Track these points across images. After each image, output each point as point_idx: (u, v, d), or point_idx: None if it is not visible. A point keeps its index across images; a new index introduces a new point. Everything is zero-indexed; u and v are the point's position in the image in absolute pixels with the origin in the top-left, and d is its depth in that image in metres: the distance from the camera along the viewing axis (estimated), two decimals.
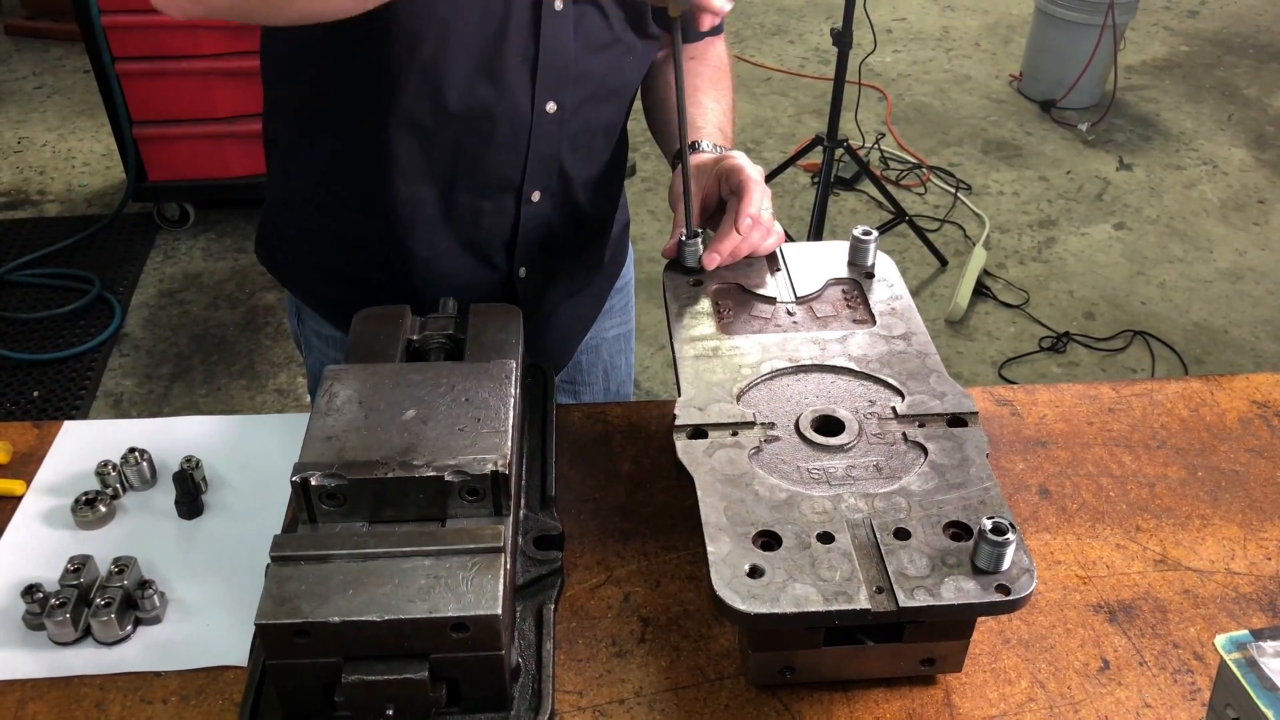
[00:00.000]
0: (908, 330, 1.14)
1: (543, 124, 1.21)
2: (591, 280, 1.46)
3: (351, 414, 0.97)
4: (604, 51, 1.21)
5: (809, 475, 0.97)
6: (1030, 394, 1.30)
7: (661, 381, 3.12)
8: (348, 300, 1.25)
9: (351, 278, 1.34)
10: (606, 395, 1.59)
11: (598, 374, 1.58)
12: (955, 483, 0.95)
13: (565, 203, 1.31)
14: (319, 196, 1.29)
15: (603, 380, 1.59)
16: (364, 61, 1.13)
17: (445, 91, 1.15)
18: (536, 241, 1.32)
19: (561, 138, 1.23)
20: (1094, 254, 3.75)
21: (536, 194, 1.27)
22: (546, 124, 1.21)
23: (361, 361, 1.08)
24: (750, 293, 1.20)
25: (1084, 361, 3.27)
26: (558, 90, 1.19)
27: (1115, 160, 4.29)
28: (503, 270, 1.32)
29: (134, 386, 3.09)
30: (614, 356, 1.60)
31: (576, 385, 1.58)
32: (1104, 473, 1.18)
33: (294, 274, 1.40)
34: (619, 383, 1.62)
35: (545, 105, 1.20)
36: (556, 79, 1.18)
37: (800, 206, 3.97)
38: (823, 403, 1.05)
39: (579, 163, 1.29)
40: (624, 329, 1.60)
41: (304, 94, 1.23)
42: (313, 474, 0.90)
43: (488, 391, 1.00)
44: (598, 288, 1.50)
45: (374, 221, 1.26)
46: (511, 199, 1.26)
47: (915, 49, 5.16)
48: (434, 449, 0.93)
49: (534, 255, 1.33)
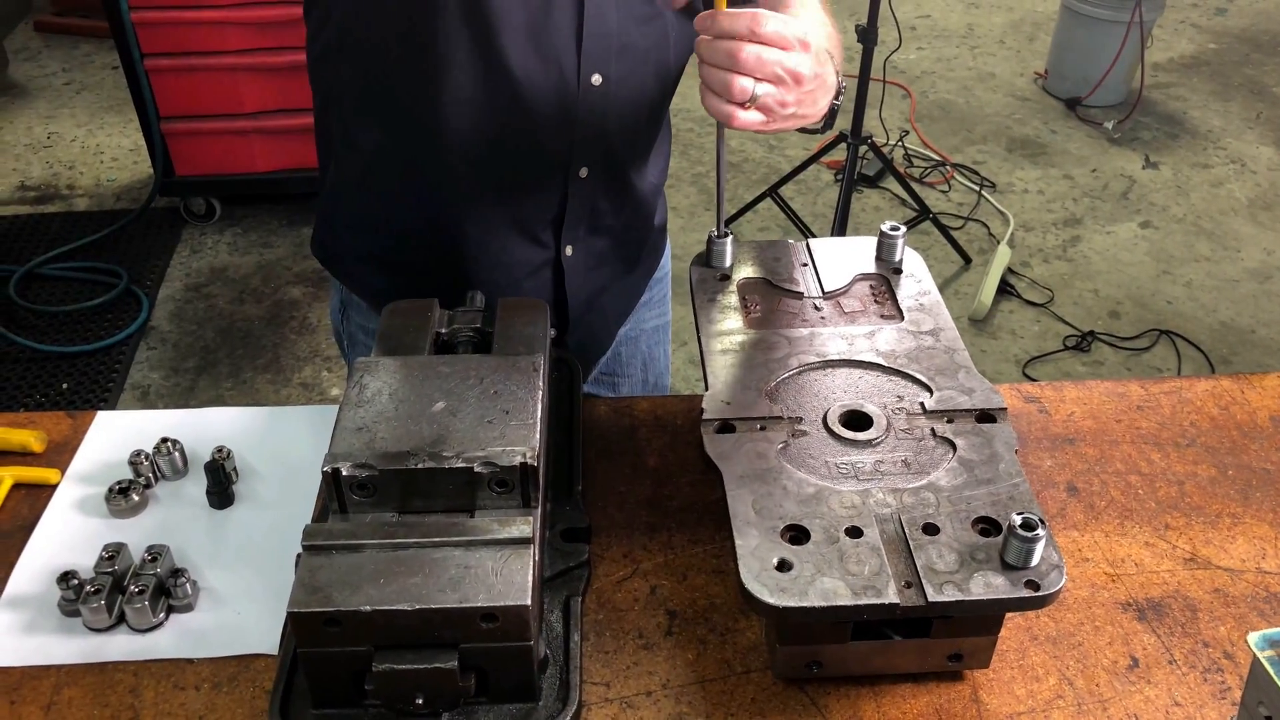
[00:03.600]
0: (936, 326, 1.13)
1: (589, 97, 1.21)
2: (633, 267, 1.46)
3: (382, 405, 0.98)
4: (646, 25, 1.21)
5: (837, 470, 0.97)
6: (1058, 391, 1.29)
7: (683, 378, 3.12)
8: (396, 290, 1.26)
9: (401, 264, 1.35)
10: (645, 388, 1.60)
11: (636, 366, 1.58)
12: (984, 478, 0.95)
13: (612, 182, 1.32)
14: (370, 182, 1.31)
15: (641, 372, 1.59)
16: (415, 42, 1.14)
17: (495, 65, 1.15)
18: (583, 220, 1.32)
19: (608, 112, 1.23)
20: (1119, 253, 3.72)
21: (584, 170, 1.27)
22: (593, 97, 1.21)
23: (391, 354, 1.09)
24: (778, 287, 1.20)
25: (1109, 361, 3.25)
26: (603, 62, 1.20)
27: (1141, 158, 4.26)
28: (550, 249, 1.33)
29: (161, 379, 3.11)
30: (653, 348, 1.59)
31: (615, 378, 1.57)
32: (1133, 470, 1.18)
33: (345, 265, 1.41)
34: (657, 375, 1.62)
35: (591, 78, 1.20)
36: (602, 51, 1.19)
37: (824, 203, 3.96)
38: (851, 398, 1.05)
39: (625, 140, 1.29)
40: (661, 320, 1.60)
41: (353, 83, 1.24)
42: (344, 464, 0.91)
43: (516, 384, 1.01)
44: (638, 276, 1.50)
45: (424, 202, 1.28)
46: (559, 175, 1.27)
47: (940, 46, 5.13)
48: (463, 441, 0.93)
49: (580, 235, 1.34)
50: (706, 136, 4.36)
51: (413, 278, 1.35)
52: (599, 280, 1.41)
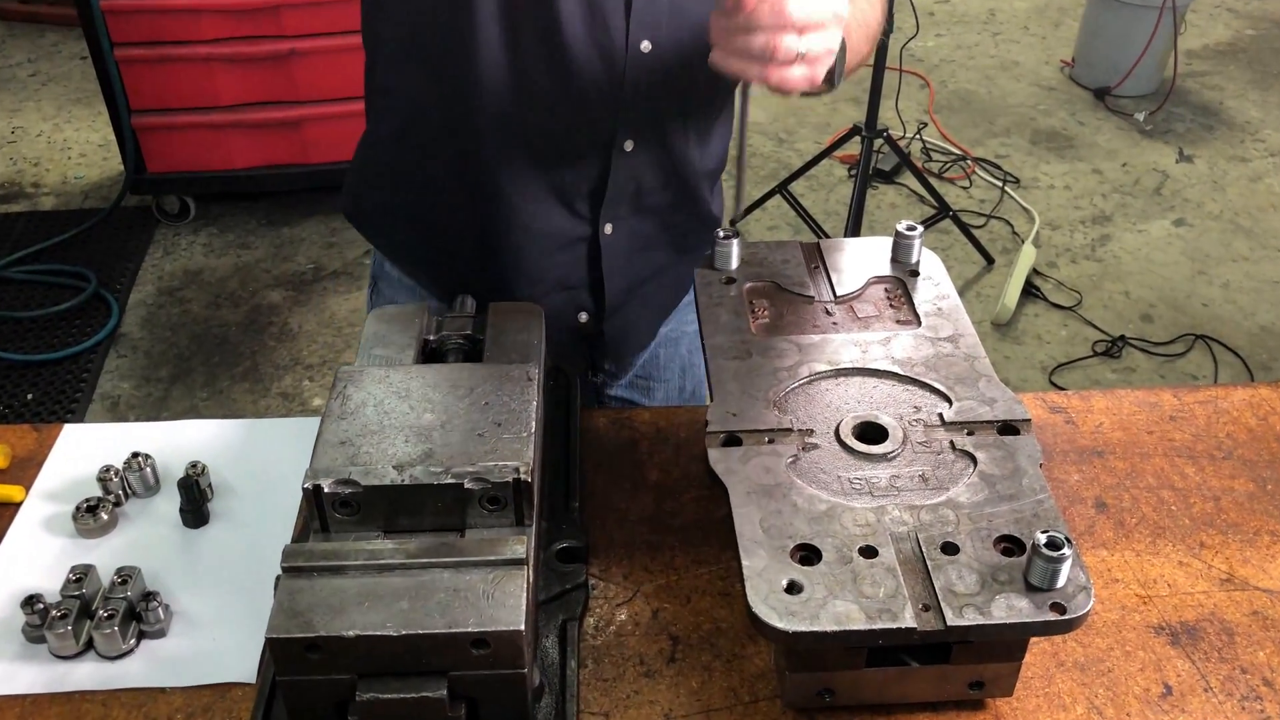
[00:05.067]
0: (955, 332, 1.14)
1: (638, 64, 1.21)
2: (681, 256, 1.45)
3: (366, 418, 0.98)
4: None
5: (850, 486, 0.97)
6: (1086, 400, 1.29)
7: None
8: (427, 249, 1.31)
9: (432, 222, 1.37)
10: (681, 396, 1.59)
11: (675, 371, 1.57)
12: (1006, 494, 0.95)
13: (661, 158, 1.31)
14: (406, 134, 1.33)
15: (679, 378, 1.58)
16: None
17: (535, 23, 1.16)
18: (626, 197, 1.33)
19: (657, 82, 1.23)
20: (1152, 252, 3.72)
21: (630, 143, 1.27)
22: (642, 64, 1.21)
23: (375, 362, 1.09)
24: (787, 291, 1.21)
25: (1141, 367, 3.25)
26: (653, 27, 1.20)
27: (1175, 152, 4.26)
28: (587, 221, 1.33)
29: (132, 389, 3.12)
30: (694, 354, 1.58)
31: (651, 382, 1.57)
32: (1165, 485, 1.18)
33: (375, 220, 1.44)
34: (696, 383, 1.61)
35: (640, 44, 1.20)
36: (652, 14, 1.19)
37: (836, 200, 3.96)
38: (865, 409, 1.05)
39: (676, 114, 1.29)
40: None
41: (394, 31, 1.27)
42: (326, 480, 0.91)
43: (509, 395, 1.01)
44: (686, 267, 1.48)
45: (457, 158, 1.30)
46: (602, 145, 1.27)
47: (960, 33, 5.14)
48: (452, 455, 0.93)
49: (622, 213, 1.34)
50: None
51: (445, 237, 1.37)
52: (642, 266, 1.41)
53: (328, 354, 3.24)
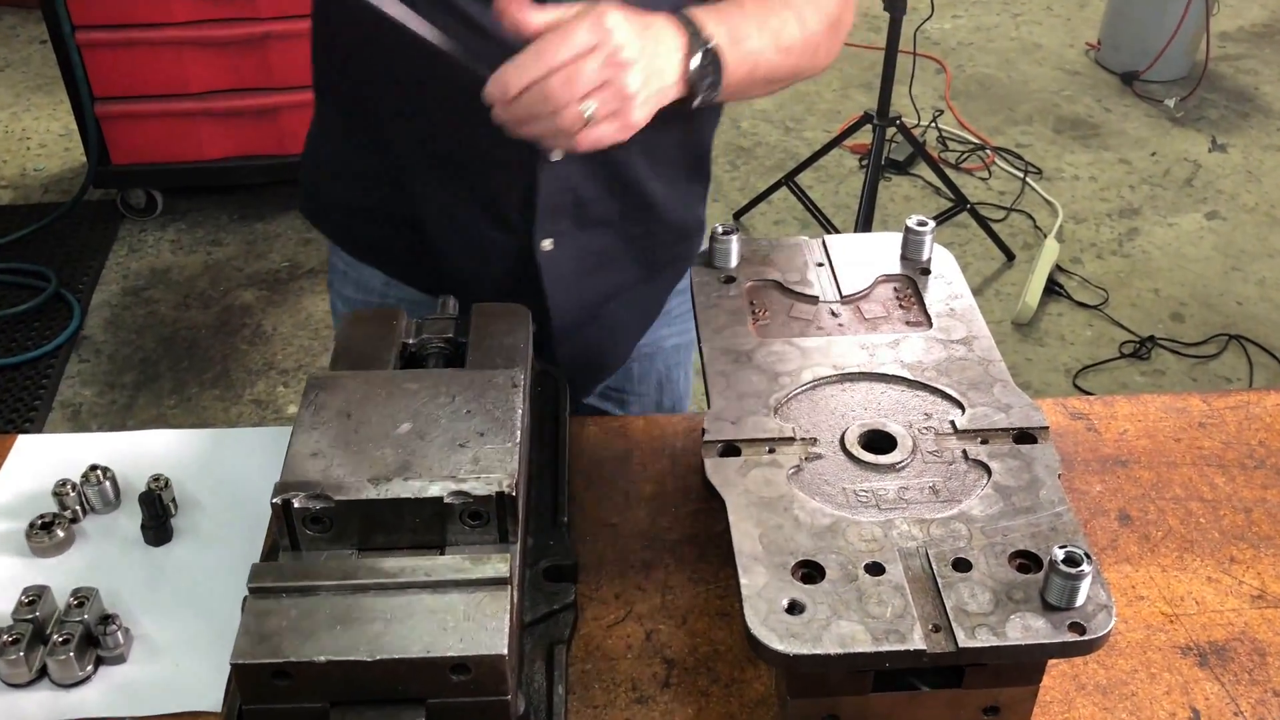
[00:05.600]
0: (968, 334, 1.14)
1: None
2: (653, 274, 1.42)
3: (339, 427, 0.98)
4: None
5: (856, 498, 0.97)
6: (1109, 406, 1.29)
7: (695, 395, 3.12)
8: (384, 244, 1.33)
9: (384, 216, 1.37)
10: (659, 411, 1.57)
11: (650, 385, 1.55)
12: (1023, 507, 0.95)
13: (599, 168, 1.27)
14: (341, 127, 1.35)
15: (655, 393, 1.56)
16: None
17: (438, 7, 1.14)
18: (565, 211, 1.29)
19: None
20: (1182, 247, 3.73)
21: (555, 151, 1.22)
22: None
23: (350, 368, 1.09)
24: (789, 291, 1.21)
25: (1171, 369, 3.25)
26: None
27: (1207, 140, 4.27)
28: (520, 236, 1.29)
29: (94, 396, 3.12)
30: (672, 369, 1.56)
31: (625, 395, 1.55)
32: (1193, 496, 1.18)
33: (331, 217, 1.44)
34: (675, 399, 1.59)
35: None
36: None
37: (847, 193, 3.97)
38: (872, 416, 1.05)
39: None
40: (685, 339, 1.56)
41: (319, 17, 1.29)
42: (296, 495, 0.91)
43: (492, 402, 1.01)
44: (659, 287, 1.46)
45: (388, 159, 1.30)
46: (525, 151, 1.20)
47: (978, 14, 5.15)
48: (432, 467, 0.94)
49: (563, 228, 1.30)
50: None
51: (398, 231, 1.36)
52: (600, 286, 1.38)
53: (304, 358, 3.24)
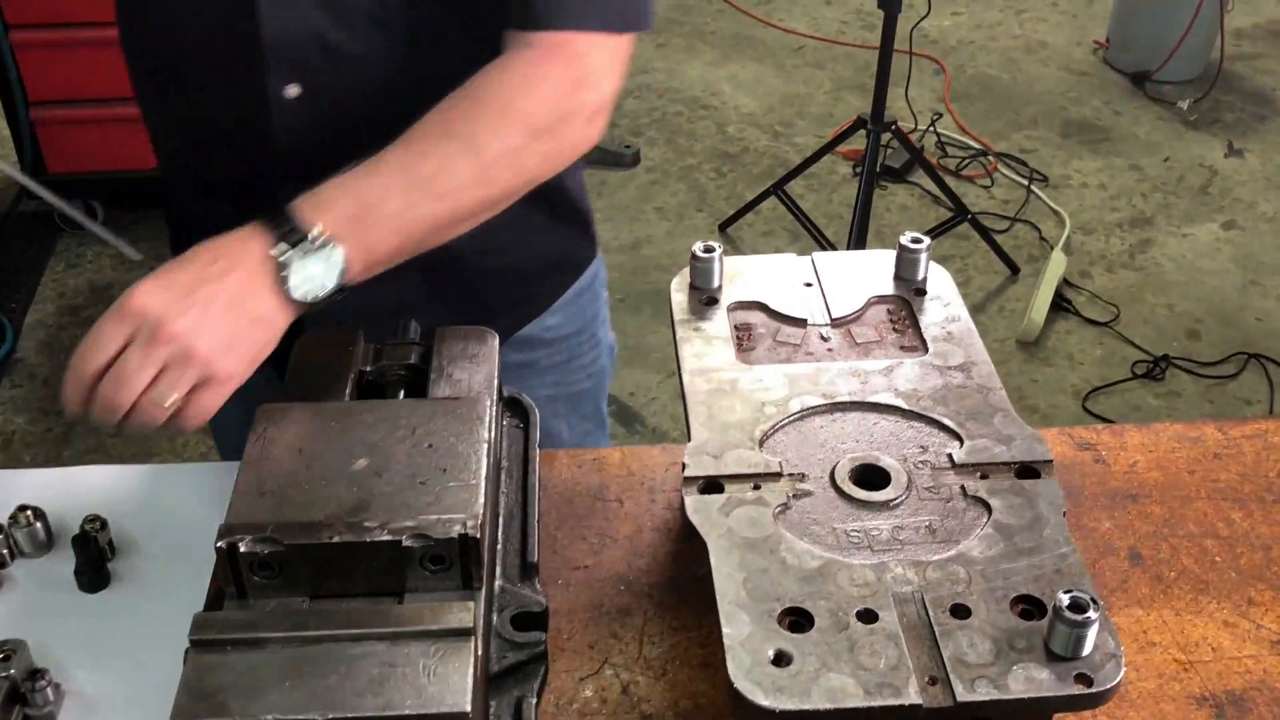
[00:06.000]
0: (967, 359, 1.14)
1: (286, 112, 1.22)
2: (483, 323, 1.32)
3: (290, 464, 0.97)
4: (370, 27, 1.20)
5: (847, 539, 0.97)
6: (1118, 436, 1.30)
7: (672, 416, 3.13)
8: None
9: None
10: None
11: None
12: (1025, 548, 0.95)
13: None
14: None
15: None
16: None
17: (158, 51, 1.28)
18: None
19: (315, 132, 1.22)
20: (1198, 259, 3.75)
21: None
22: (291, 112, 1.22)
23: (303, 398, 1.09)
24: (775, 313, 1.21)
25: (1187, 391, 3.27)
26: (298, 70, 1.21)
27: (1223, 145, 4.30)
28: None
29: (27, 424, 3.10)
30: (548, 420, 1.50)
31: None
32: (1209, 533, 1.18)
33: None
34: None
35: (284, 89, 1.22)
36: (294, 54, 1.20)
37: (840, 202, 3.98)
38: (864, 449, 1.05)
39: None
40: (562, 390, 1.53)
41: None
42: (242, 538, 0.90)
43: (456, 435, 1.01)
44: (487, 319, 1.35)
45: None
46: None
47: (979, 10, 5.19)
48: (390, 507, 0.93)
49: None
50: (698, 122, 4.39)
51: None
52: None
53: None
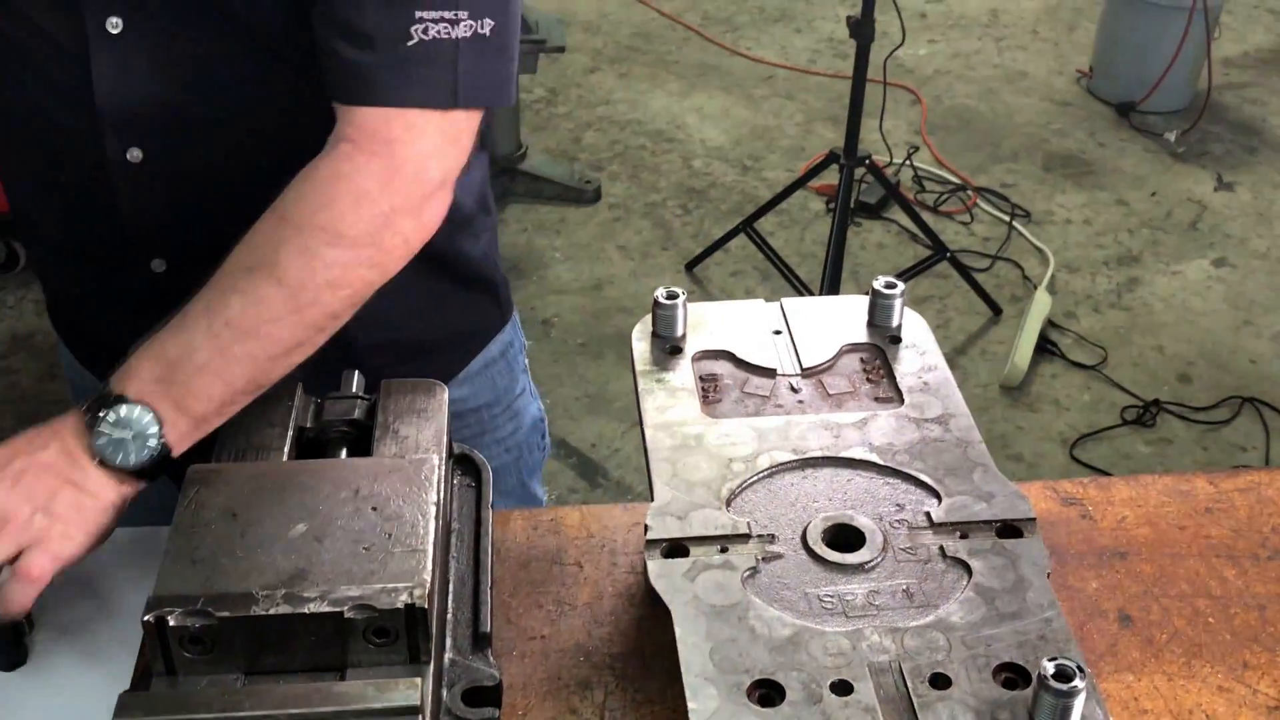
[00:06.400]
0: (945, 411, 1.15)
1: (129, 176, 1.24)
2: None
3: (223, 530, 0.97)
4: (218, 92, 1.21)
5: (820, 604, 0.97)
6: (1105, 490, 1.31)
7: (636, 469, 3.13)
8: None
9: None
10: None
11: None
12: (1008, 612, 0.96)
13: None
14: None
15: None
16: None
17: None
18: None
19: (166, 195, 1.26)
20: (1188, 298, 3.80)
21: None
22: (135, 176, 1.24)
23: (237, 458, 1.08)
24: (743, 363, 1.22)
25: (1179, 437, 3.30)
26: (138, 134, 1.22)
27: (1213, 178, 4.37)
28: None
29: None
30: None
31: None
32: (1201, 592, 1.19)
33: None
34: None
35: (127, 152, 1.23)
36: (132, 118, 1.21)
37: (812, 240, 4.01)
38: (837, 508, 1.06)
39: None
40: (508, 459, 1.57)
41: None
42: (171, 611, 0.90)
43: (402, 497, 1.01)
44: None
45: None
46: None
47: (956, 39, 5.27)
48: (331, 576, 0.93)
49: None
50: (662, 155, 4.42)
51: None
52: None
53: None
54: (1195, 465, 3.17)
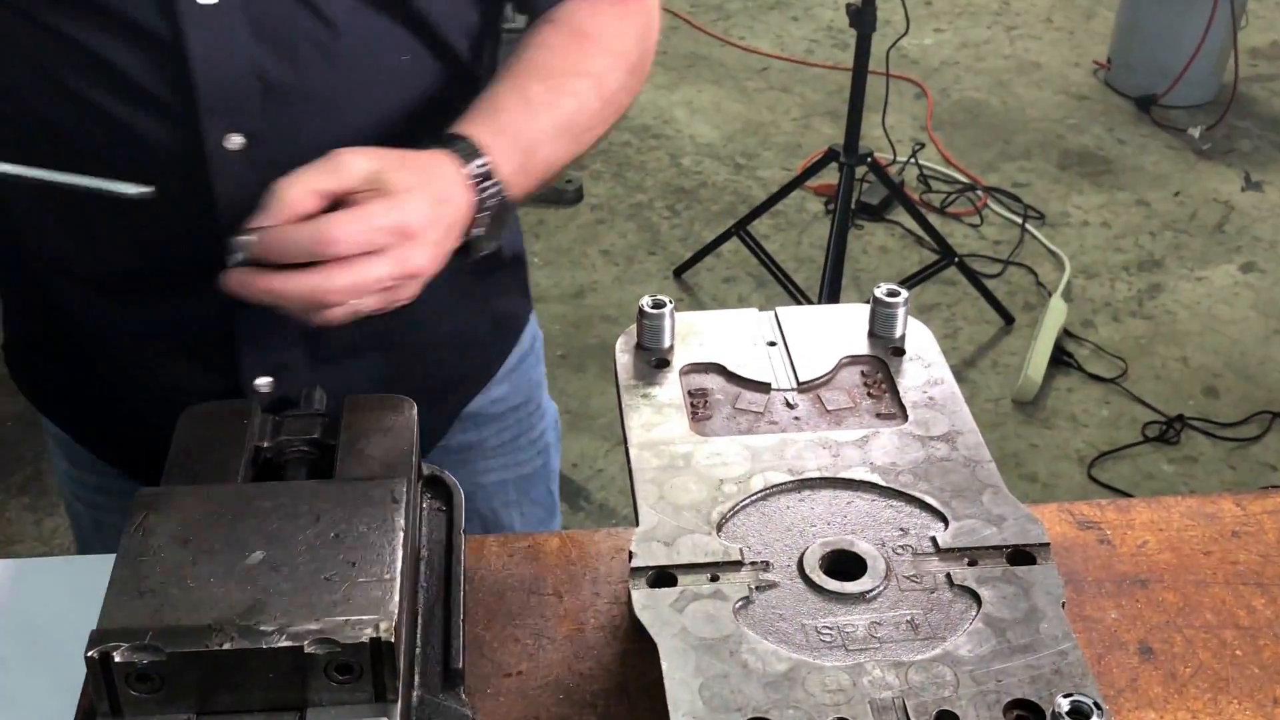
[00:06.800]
0: (951, 428, 1.15)
1: (228, 165, 1.18)
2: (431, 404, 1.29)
3: (173, 558, 0.97)
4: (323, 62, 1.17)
5: (818, 637, 0.97)
6: (1124, 512, 1.31)
7: (621, 490, 3.12)
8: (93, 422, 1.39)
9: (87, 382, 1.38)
10: None
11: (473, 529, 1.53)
12: (1020, 644, 0.96)
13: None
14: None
15: None
16: None
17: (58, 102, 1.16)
18: (274, 339, 1.28)
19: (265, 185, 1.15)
20: (1214, 306, 3.81)
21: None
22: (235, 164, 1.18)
23: (189, 480, 1.08)
24: (735, 377, 1.22)
25: (1205, 455, 3.31)
26: (240, 117, 1.16)
27: (1240, 177, 4.38)
28: (230, 378, 1.29)
29: None
30: (499, 511, 1.56)
31: None
32: (1228, 622, 1.20)
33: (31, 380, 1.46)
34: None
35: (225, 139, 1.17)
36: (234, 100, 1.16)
37: (810, 244, 4.02)
38: (836, 532, 1.05)
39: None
40: (514, 473, 1.57)
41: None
42: (117, 646, 0.89)
43: (367, 523, 1.00)
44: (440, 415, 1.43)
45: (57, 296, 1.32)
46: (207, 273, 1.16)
47: (964, 27, 5.28)
48: (290, 608, 0.92)
49: (290, 359, 1.30)
50: (649, 153, 4.43)
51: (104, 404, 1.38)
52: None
53: None
54: (1222, 485, 3.18)
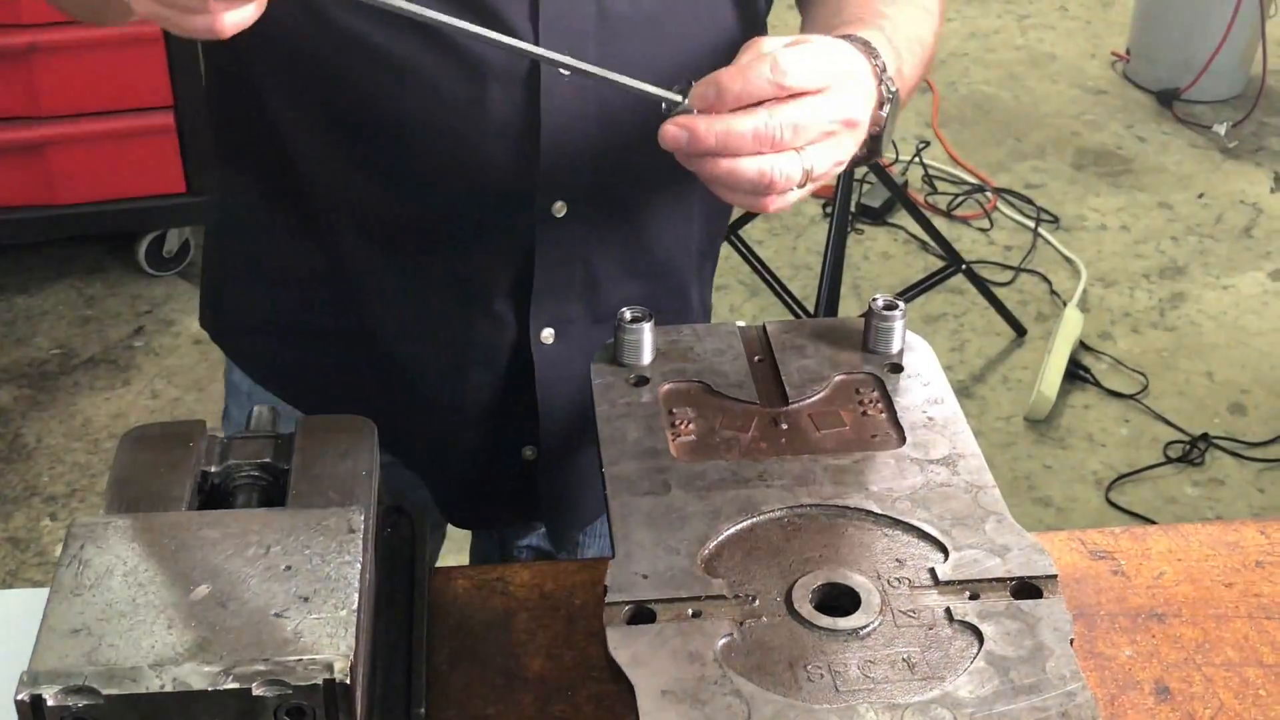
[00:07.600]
0: (952, 451, 1.16)
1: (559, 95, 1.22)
2: None
3: (111, 592, 0.96)
4: None
5: (807, 677, 0.97)
6: (1140, 540, 1.31)
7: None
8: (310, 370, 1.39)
9: (311, 332, 1.40)
10: None
11: None
12: (1024, 685, 0.96)
13: (615, 228, 1.33)
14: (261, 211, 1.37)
15: None
16: None
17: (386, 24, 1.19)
18: (572, 288, 1.34)
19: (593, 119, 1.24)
20: (1241, 316, 3.81)
21: (560, 205, 1.28)
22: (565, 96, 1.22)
23: (130, 508, 1.08)
24: (719, 395, 1.22)
25: (1232, 478, 3.31)
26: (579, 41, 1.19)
27: (1269, 177, 4.39)
28: (511, 327, 1.34)
29: None
30: None
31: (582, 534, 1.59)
32: (1251, 660, 1.20)
33: (238, 334, 1.47)
34: None
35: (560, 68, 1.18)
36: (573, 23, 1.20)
37: (806, 249, 4.01)
38: (827, 564, 1.05)
39: (629, 164, 1.29)
40: None
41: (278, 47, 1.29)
42: (49, 688, 0.89)
43: (321, 554, 1.00)
44: None
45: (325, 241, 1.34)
46: (518, 212, 1.28)
47: (973, 16, 5.29)
48: (237, 646, 0.92)
49: (571, 314, 1.35)
50: None
51: (329, 352, 1.40)
52: None
53: (79, 479, 3.18)
54: (1250, 510, 3.18)
